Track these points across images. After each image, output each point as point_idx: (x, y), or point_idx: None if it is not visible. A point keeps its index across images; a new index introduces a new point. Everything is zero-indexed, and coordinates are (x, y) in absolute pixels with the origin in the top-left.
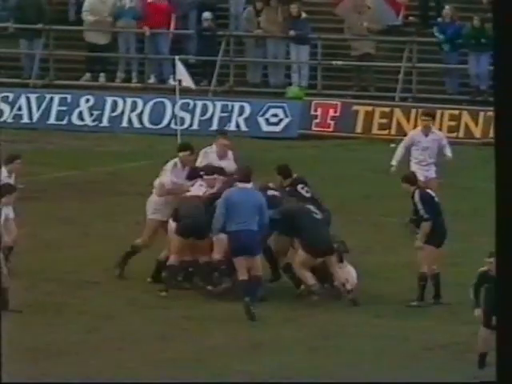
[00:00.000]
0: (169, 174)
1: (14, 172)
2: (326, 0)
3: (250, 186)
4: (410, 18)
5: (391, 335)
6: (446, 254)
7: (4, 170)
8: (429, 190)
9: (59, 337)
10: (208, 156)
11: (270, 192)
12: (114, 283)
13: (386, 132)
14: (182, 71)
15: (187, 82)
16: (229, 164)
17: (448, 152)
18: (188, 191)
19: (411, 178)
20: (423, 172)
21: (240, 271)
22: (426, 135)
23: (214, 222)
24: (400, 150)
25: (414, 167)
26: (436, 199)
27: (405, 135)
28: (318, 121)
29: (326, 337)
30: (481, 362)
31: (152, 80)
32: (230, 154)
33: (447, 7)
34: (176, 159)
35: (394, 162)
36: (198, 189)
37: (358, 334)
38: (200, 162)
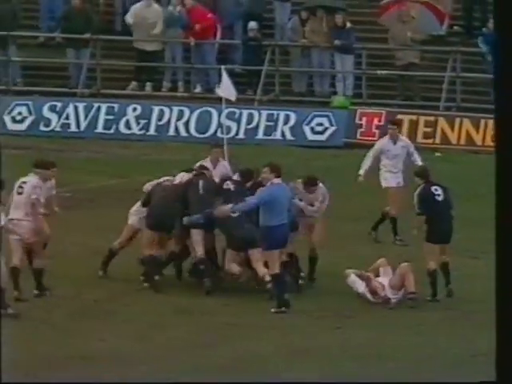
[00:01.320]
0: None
1: (50, 179)
2: (371, 10)
3: (280, 180)
4: (455, 27)
5: (434, 343)
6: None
7: (35, 176)
8: (434, 188)
9: (107, 344)
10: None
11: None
12: (161, 290)
13: (430, 141)
14: (226, 81)
15: (229, 93)
16: (222, 173)
17: (418, 160)
18: None
19: (424, 174)
20: (395, 179)
21: (274, 265)
22: (395, 143)
23: (243, 205)
24: (368, 160)
25: (385, 175)
26: (438, 198)
27: (449, 144)
28: (362, 130)
29: (369, 345)
30: None
31: (198, 89)
32: (223, 163)
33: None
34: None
35: (361, 172)
36: None
37: (400, 342)
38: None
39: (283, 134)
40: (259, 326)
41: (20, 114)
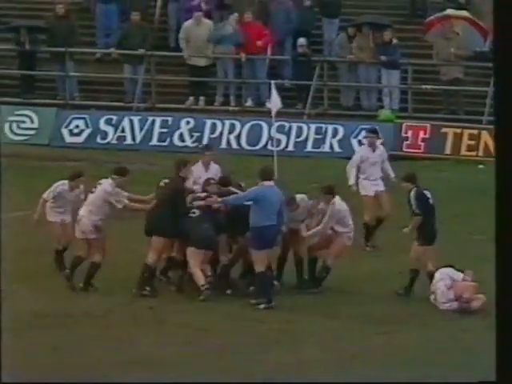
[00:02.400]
0: None
1: (77, 188)
2: (416, 26)
3: (272, 183)
4: None
5: (478, 347)
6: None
7: (67, 183)
8: (426, 192)
9: (158, 349)
10: (193, 170)
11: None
12: (211, 297)
13: (473, 153)
14: (274, 95)
15: (276, 105)
16: (213, 175)
17: (389, 169)
18: None
19: (412, 178)
20: (373, 187)
21: (261, 264)
22: (374, 151)
23: (232, 199)
24: (352, 169)
25: (363, 183)
26: (431, 201)
27: (492, 157)
28: (408, 142)
29: (415, 349)
30: None
31: (249, 103)
32: (215, 166)
33: None
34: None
35: (351, 182)
36: None
37: (449, 347)
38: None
39: (331, 147)
40: (307, 332)
41: (77, 127)
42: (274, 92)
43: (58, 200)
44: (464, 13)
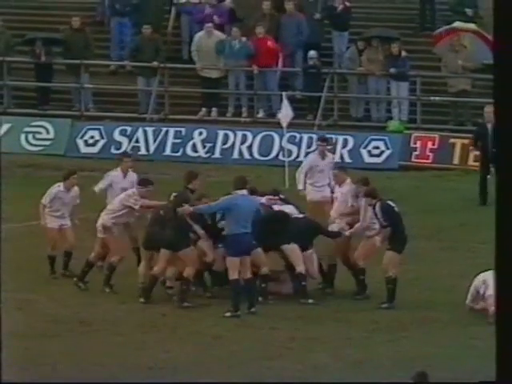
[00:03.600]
0: None
1: (72, 187)
2: (425, 39)
3: (246, 192)
4: None
5: (485, 354)
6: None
7: (61, 185)
8: (390, 202)
9: (171, 355)
10: (110, 177)
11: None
12: (223, 304)
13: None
14: (286, 106)
15: (287, 115)
16: (131, 183)
17: None
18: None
19: (374, 193)
20: (317, 193)
21: (234, 271)
22: (323, 159)
23: (205, 208)
24: (302, 175)
25: (309, 189)
26: (396, 209)
27: None
28: (417, 153)
29: (421, 357)
30: None
31: (261, 114)
32: (132, 173)
33: None
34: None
35: (300, 187)
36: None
37: (454, 354)
38: (103, 183)
39: (342, 157)
40: (317, 339)
41: (92, 137)
42: (285, 103)
43: (55, 203)
44: (472, 26)
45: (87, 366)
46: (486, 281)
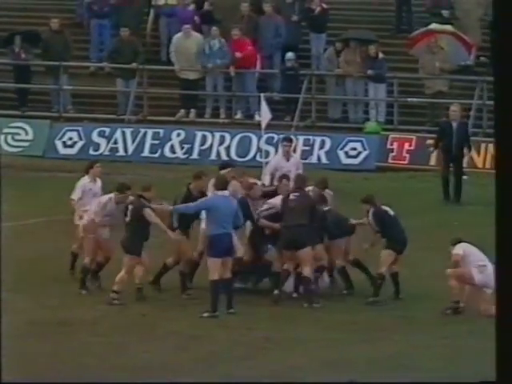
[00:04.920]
0: None
1: (97, 176)
2: (402, 41)
3: (227, 193)
4: (482, 58)
5: (461, 355)
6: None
7: (86, 177)
8: (383, 207)
9: (150, 355)
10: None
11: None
12: (201, 305)
13: None
14: (264, 108)
15: (266, 117)
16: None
17: None
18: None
19: (370, 200)
20: None
21: (214, 272)
22: (288, 160)
23: (184, 207)
24: (266, 177)
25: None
26: (391, 213)
27: (475, 168)
28: (394, 154)
29: (397, 356)
30: None
31: (239, 116)
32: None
33: None
34: None
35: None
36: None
37: (430, 354)
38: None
39: (319, 158)
40: (294, 340)
41: (71, 139)
42: (263, 104)
43: (85, 196)
44: (448, 27)
45: (66, 367)
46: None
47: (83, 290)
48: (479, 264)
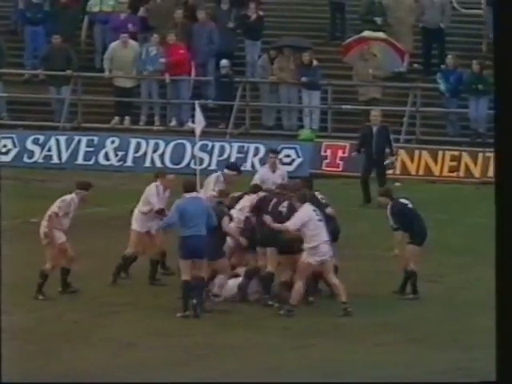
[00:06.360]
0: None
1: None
2: (336, 48)
3: (195, 194)
4: (415, 65)
5: (395, 362)
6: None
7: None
8: (402, 200)
9: (85, 362)
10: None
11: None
12: (136, 312)
13: (390, 172)
14: (198, 116)
15: (200, 124)
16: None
17: None
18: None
19: (388, 193)
20: None
21: (184, 272)
22: (274, 171)
23: (168, 221)
24: None
25: None
26: (410, 206)
27: (409, 175)
28: (327, 161)
29: (336, 362)
30: None
31: (173, 123)
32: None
33: (450, 56)
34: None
35: None
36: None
37: (362, 361)
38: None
39: (253, 165)
40: (232, 345)
41: (5, 146)
42: (198, 111)
43: (150, 204)
44: (380, 34)
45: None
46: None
47: (40, 296)
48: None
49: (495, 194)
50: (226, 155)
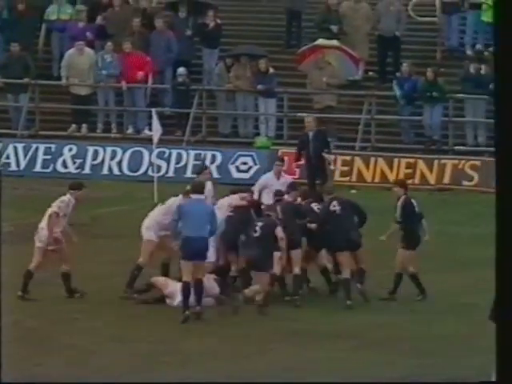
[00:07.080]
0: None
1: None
2: (291, 56)
3: (202, 197)
4: (370, 72)
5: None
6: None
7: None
8: (413, 201)
9: (43, 369)
10: None
11: None
12: (96, 319)
13: (347, 179)
14: (156, 123)
15: (158, 132)
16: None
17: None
18: None
19: (405, 185)
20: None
21: (185, 273)
22: (278, 179)
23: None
24: (256, 194)
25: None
26: (417, 210)
27: (364, 182)
28: (284, 168)
29: (289, 370)
30: None
31: (130, 130)
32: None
33: (405, 64)
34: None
35: None
36: None
37: (322, 367)
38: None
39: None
40: (189, 353)
41: None
42: (155, 119)
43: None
44: (334, 42)
45: None
46: None
47: (25, 295)
48: None
49: (496, 199)
50: (183, 162)
